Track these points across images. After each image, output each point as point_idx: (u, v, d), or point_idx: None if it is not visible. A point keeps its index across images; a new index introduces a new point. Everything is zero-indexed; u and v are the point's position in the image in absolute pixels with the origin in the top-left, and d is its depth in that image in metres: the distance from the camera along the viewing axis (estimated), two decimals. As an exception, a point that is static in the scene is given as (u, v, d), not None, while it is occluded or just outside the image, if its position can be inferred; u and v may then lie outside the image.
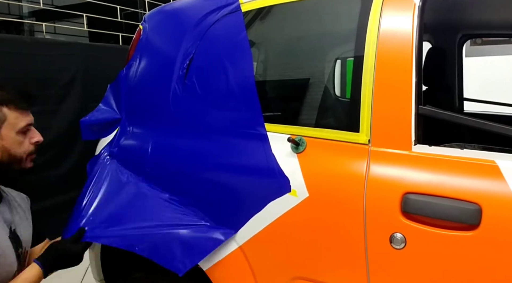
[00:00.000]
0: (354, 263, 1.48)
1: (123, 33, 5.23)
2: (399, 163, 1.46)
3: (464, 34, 3.12)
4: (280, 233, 1.62)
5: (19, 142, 1.60)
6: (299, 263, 1.60)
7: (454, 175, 1.38)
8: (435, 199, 1.35)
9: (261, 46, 2.28)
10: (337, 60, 2.61)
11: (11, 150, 1.57)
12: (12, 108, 1.60)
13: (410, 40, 1.48)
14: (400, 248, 1.39)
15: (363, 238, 1.45)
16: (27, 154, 1.63)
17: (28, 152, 1.64)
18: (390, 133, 1.49)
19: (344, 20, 1.81)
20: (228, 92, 1.82)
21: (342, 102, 2.71)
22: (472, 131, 1.70)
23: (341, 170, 1.54)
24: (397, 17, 1.54)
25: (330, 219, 1.52)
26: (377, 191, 1.44)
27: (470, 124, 1.53)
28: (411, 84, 1.46)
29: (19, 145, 1.60)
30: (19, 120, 1.61)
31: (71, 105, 4.01)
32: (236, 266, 1.72)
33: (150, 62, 2.11)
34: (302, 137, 1.63)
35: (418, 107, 1.46)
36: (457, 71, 3.19)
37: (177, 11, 2.15)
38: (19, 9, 6.67)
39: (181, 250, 1.74)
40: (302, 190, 1.56)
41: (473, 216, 1.29)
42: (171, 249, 1.76)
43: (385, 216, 1.42)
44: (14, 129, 1.59)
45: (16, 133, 1.59)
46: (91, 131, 2.21)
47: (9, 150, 1.57)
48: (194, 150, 1.86)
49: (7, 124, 1.58)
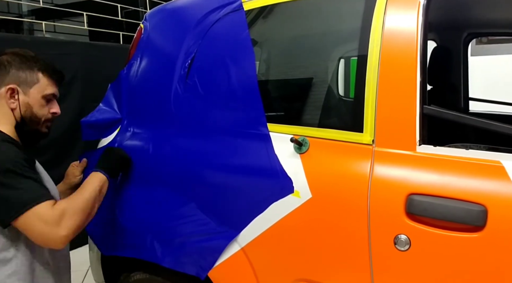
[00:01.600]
0: (358, 265, 1.48)
1: (124, 32, 5.24)
2: (403, 164, 1.46)
3: (470, 32, 3.12)
4: (283, 234, 1.62)
5: (42, 105, 1.77)
6: (302, 265, 1.60)
7: (459, 176, 1.38)
8: (440, 200, 1.35)
9: (263, 45, 2.28)
10: (341, 59, 2.62)
11: (34, 109, 1.74)
12: (46, 76, 1.78)
13: (415, 39, 1.48)
14: (404, 250, 1.39)
15: (367, 239, 1.45)
16: (44, 119, 1.79)
17: (46, 118, 1.80)
18: (394, 133, 1.49)
19: (348, 18, 1.81)
20: (230, 92, 1.82)
21: (345, 101, 2.72)
22: (477, 131, 1.70)
23: (345, 171, 1.54)
24: (402, 16, 1.54)
25: (333, 220, 1.52)
26: (381, 192, 1.44)
27: (476, 124, 1.53)
28: (415, 83, 1.46)
29: (41, 107, 1.77)
30: (48, 87, 1.79)
31: (71, 105, 4.02)
32: (238, 268, 1.72)
33: (151, 62, 2.11)
34: (305, 138, 1.63)
35: (423, 107, 1.46)
36: (462, 70, 3.18)
37: (179, 9, 2.15)
38: (18, 7, 6.68)
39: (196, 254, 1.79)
40: (305, 191, 1.56)
41: (478, 217, 1.29)
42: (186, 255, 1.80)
43: (389, 218, 1.42)
44: (41, 93, 1.76)
45: (42, 97, 1.76)
46: (92, 131, 2.22)
47: (32, 108, 1.74)
48: (196, 151, 1.86)
49: (38, 86, 1.75)
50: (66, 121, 3.96)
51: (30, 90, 1.74)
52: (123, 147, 2.06)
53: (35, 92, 1.75)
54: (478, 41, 5.63)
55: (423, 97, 1.46)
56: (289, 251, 1.62)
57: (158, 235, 1.89)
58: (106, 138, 2.19)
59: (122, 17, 5.29)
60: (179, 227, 1.84)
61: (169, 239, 1.85)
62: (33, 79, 1.75)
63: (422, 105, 1.46)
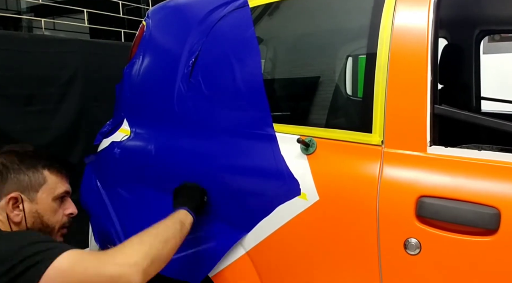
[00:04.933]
0: (367, 270, 1.48)
1: (126, 30, 5.24)
2: (413, 165, 1.46)
3: (482, 30, 3.11)
4: (289, 238, 1.62)
5: (54, 209, 1.58)
6: (308, 269, 1.60)
7: (471, 178, 1.37)
8: (452, 203, 1.34)
9: (269, 43, 2.28)
10: (349, 57, 2.61)
11: (44, 217, 1.54)
12: (54, 172, 1.60)
13: (425, 37, 1.48)
14: (414, 254, 1.38)
15: (376, 243, 1.45)
16: (59, 225, 1.61)
17: (61, 224, 1.61)
18: (404, 134, 1.49)
19: (356, 15, 1.81)
20: (235, 91, 1.82)
21: (353, 101, 2.71)
22: (490, 131, 1.69)
23: (353, 173, 1.54)
24: (412, 13, 1.53)
25: (341, 223, 1.52)
26: (390, 195, 1.44)
27: (488, 124, 1.52)
28: (426, 82, 1.46)
29: (53, 213, 1.57)
30: (58, 186, 1.60)
31: (71, 104, 4.03)
32: (243, 273, 1.72)
33: (154, 60, 2.11)
34: (312, 138, 1.63)
35: (434, 107, 1.46)
36: (474, 68, 3.18)
37: (182, 6, 2.16)
38: (17, 4, 6.71)
39: (194, 259, 1.79)
40: (312, 193, 1.56)
41: (491, 221, 1.29)
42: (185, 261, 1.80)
43: (399, 221, 1.42)
44: (51, 194, 1.57)
45: (53, 199, 1.58)
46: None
47: (43, 216, 1.54)
48: (199, 152, 1.86)
49: (46, 188, 1.56)
50: (66, 121, 3.96)
51: (38, 194, 1.54)
52: (124, 148, 2.07)
53: (43, 195, 1.55)
54: (490, 38, 5.60)
55: (434, 97, 1.46)
56: (295, 255, 1.62)
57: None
58: (107, 139, 2.20)
59: (124, 14, 5.29)
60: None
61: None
62: (39, 180, 1.55)
63: (433, 105, 1.46)
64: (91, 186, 2.21)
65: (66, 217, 1.63)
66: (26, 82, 3.66)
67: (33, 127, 3.67)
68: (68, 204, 1.65)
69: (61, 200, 1.62)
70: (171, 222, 1.51)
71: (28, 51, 3.72)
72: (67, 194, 1.64)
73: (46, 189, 1.55)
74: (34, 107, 3.73)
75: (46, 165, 1.58)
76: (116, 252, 1.31)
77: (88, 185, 2.24)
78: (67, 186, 1.64)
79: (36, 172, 1.55)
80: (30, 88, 3.70)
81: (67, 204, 1.64)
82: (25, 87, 3.65)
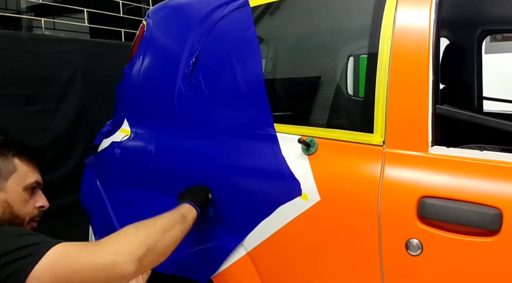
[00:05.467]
0: (368, 271, 1.48)
1: (126, 29, 5.25)
2: (415, 166, 1.46)
3: (484, 29, 3.11)
4: (290, 238, 1.62)
5: (24, 200, 1.52)
6: (310, 270, 1.60)
7: (473, 178, 1.37)
8: (453, 203, 1.34)
9: (270, 42, 2.28)
10: (350, 57, 2.61)
11: (14, 207, 1.48)
12: (25, 161, 1.55)
13: (427, 36, 1.48)
14: (416, 255, 1.38)
15: (377, 244, 1.45)
16: (29, 217, 1.54)
17: (31, 216, 1.55)
18: (406, 134, 1.49)
19: (358, 15, 1.81)
20: (235, 91, 1.82)
21: (355, 101, 2.71)
22: (491, 131, 1.69)
23: (354, 173, 1.54)
24: (413, 12, 1.53)
25: (342, 224, 1.52)
26: (392, 195, 1.44)
27: (490, 124, 1.52)
28: (427, 82, 1.46)
29: (23, 203, 1.51)
30: (29, 175, 1.55)
31: (71, 104, 4.03)
32: (244, 274, 1.72)
33: (154, 60, 2.11)
34: (313, 138, 1.63)
35: (435, 107, 1.46)
36: (476, 68, 3.18)
37: (183, 6, 2.16)
38: (16, 3, 6.72)
39: (200, 259, 1.80)
40: (313, 194, 1.56)
41: (493, 221, 1.29)
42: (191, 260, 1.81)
43: (401, 221, 1.42)
44: (22, 184, 1.52)
45: (23, 189, 1.52)
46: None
47: (12, 206, 1.48)
48: (200, 152, 1.87)
49: (16, 176, 1.51)
50: (66, 121, 3.97)
51: (7, 183, 1.48)
52: (124, 148, 2.07)
53: (13, 184, 1.49)
54: (492, 38, 5.61)
55: (435, 97, 1.46)
56: (296, 256, 1.62)
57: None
58: (107, 139, 2.20)
59: (124, 13, 5.30)
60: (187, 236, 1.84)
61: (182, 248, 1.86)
62: (9, 168, 1.49)
63: (435, 105, 1.46)
64: (91, 186, 2.21)
65: (36, 210, 1.56)
66: (26, 82, 3.66)
67: (33, 127, 3.68)
68: (39, 197, 1.59)
69: (31, 191, 1.55)
70: (171, 214, 1.49)
71: (28, 51, 3.72)
72: (38, 185, 1.58)
73: (16, 177, 1.50)
74: (34, 107, 3.73)
75: (16, 153, 1.53)
76: (109, 240, 1.27)
77: (88, 185, 2.24)
78: (38, 176, 1.58)
79: (6, 160, 1.50)
80: (30, 88, 3.70)
81: (37, 196, 1.58)
82: (25, 87, 3.66)
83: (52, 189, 3.73)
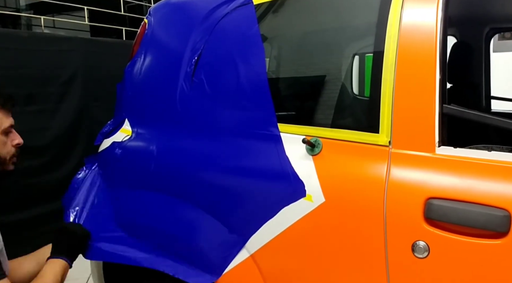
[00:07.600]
0: (374, 273, 1.48)
1: (127, 27, 5.26)
2: (421, 166, 1.46)
3: (492, 27, 3.11)
4: (294, 240, 1.62)
5: (3, 142, 1.71)
6: (314, 272, 1.60)
7: (481, 179, 1.37)
8: (461, 205, 1.34)
9: (274, 41, 2.28)
10: (355, 56, 2.61)
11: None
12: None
13: (434, 35, 1.48)
14: (423, 257, 1.38)
15: (383, 246, 1.45)
16: (10, 156, 1.73)
17: (11, 154, 1.74)
18: (412, 134, 1.49)
19: (363, 13, 1.81)
20: (238, 90, 1.82)
21: (360, 101, 2.71)
22: (500, 131, 1.69)
23: (360, 174, 1.54)
24: (420, 10, 1.53)
25: (347, 226, 1.52)
26: (398, 196, 1.44)
27: (498, 124, 1.52)
28: (434, 81, 1.46)
29: (3, 145, 1.71)
30: (4, 120, 1.72)
31: (71, 104, 4.04)
32: (247, 276, 1.72)
33: (156, 59, 2.12)
34: (318, 138, 1.63)
35: (442, 106, 1.45)
36: (484, 67, 3.17)
37: (185, 3, 2.16)
38: (16, 1, 6.73)
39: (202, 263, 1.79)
40: (317, 195, 1.56)
41: (501, 223, 1.29)
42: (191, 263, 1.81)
43: (407, 223, 1.41)
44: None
45: (1, 133, 1.69)
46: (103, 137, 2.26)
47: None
48: (202, 152, 1.86)
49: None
50: (66, 121, 3.98)
51: None
52: (125, 148, 2.07)
53: None
54: (500, 36, 5.60)
55: (442, 96, 1.46)
56: (300, 258, 1.62)
57: (162, 241, 1.89)
58: (108, 139, 2.20)
59: (125, 11, 5.31)
60: (184, 233, 1.84)
61: (174, 246, 1.86)
62: None
63: (442, 104, 1.45)
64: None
65: (13, 148, 1.75)
66: (26, 81, 3.68)
67: (33, 127, 3.68)
68: (14, 136, 1.77)
69: (7, 133, 1.73)
70: (53, 277, 1.69)
71: (27, 50, 3.73)
72: (11, 127, 1.76)
73: None
74: (34, 107, 3.74)
75: None
76: None
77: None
78: (11, 119, 1.75)
79: None
80: (30, 88, 3.71)
81: (12, 135, 1.76)
82: (24, 86, 3.67)
83: (52, 189, 3.78)
